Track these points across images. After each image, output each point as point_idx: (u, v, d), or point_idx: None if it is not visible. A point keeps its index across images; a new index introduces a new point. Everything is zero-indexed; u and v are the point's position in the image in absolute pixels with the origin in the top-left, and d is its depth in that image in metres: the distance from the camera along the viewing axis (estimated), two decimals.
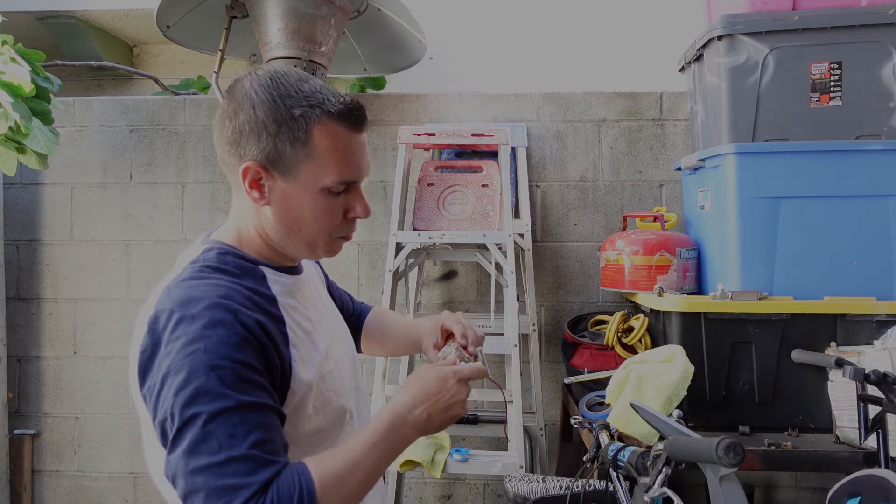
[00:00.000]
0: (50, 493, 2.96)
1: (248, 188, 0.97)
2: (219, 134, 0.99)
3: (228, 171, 1.01)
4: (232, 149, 0.97)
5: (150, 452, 0.95)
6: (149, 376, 0.89)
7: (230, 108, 0.97)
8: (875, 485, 1.46)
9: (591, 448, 1.57)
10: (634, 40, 3.17)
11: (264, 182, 0.97)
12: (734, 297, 1.99)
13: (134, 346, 0.93)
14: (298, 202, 0.98)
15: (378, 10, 2.63)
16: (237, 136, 0.96)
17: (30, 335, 2.97)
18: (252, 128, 0.95)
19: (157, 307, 0.93)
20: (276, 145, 0.95)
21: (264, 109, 0.95)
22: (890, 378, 1.60)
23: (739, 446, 1.10)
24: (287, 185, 0.97)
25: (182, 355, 0.86)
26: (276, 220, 1.00)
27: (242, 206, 1.03)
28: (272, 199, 0.98)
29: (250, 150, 0.96)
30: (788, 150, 2.08)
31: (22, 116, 2.20)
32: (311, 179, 0.97)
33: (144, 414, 0.92)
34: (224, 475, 0.83)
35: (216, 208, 2.93)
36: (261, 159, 0.96)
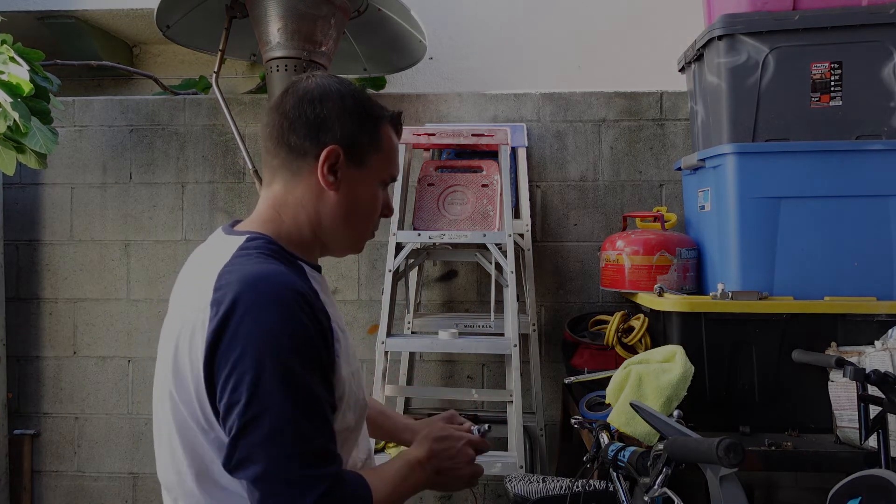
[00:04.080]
0: (50, 494, 2.96)
1: (326, 171, 1.04)
2: (294, 119, 1.04)
3: (294, 156, 1.05)
4: (311, 132, 1.04)
5: (184, 430, 0.95)
6: (218, 356, 0.90)
7: (312, 95, 1.04)
8: (876, 485, 1.46)
9: (591, 448, 1.57)
10: (634, 40, 3.16)
11: (338, 168, 1.05)
12: (734, 297, 1.99)
13: (184, 330, 0.94)
14: (362, 190, 1.08)
15: (378, 10, 2.63)
16: (320, 120, 1.04)
17: (29, 335, 2.97)
18: (339, 115, 1.04)
19: (218, 290, 0.93)
20: (357, 133, 1.05)
21: (351, 102, 1.06)
22: (890, 378, 1.60)
23: (740, 446, 1.10)
24: (357, 172, 1.07)
25: (260, 338, 0.89)
26: (338, 208, 1.07)
27: (297, 194, 1.06)
28: (341, 185, 1.06)
29: (333, 135, 1.04)
30: (789, 150, 2.07)
31: (21, 116, 2.20)
32: (376, 170, 1.09)
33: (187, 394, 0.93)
34: (303, 467, 0.87)
35: (216, 208, 2.93)
36: (342, 142, 1.04)
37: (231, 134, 2.85)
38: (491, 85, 3.08)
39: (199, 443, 0.94)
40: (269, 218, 1.08)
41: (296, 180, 1.06)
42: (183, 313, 0.97)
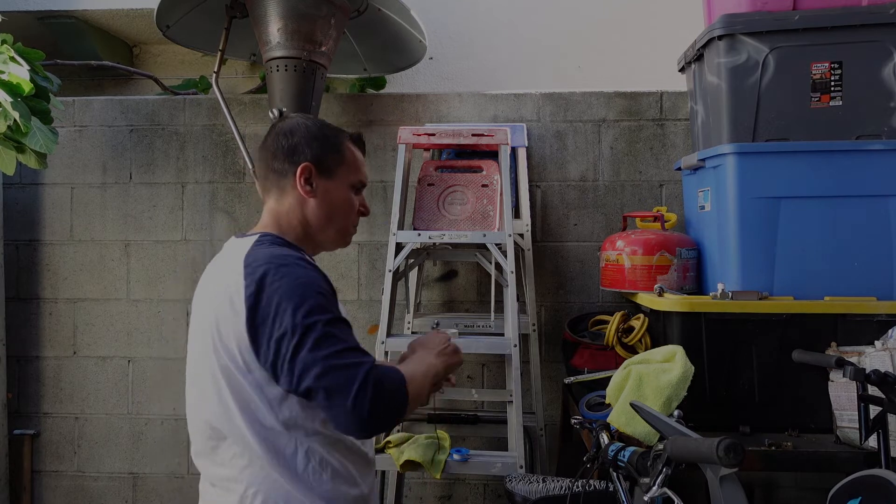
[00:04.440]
0: (50, 493, 2.96)
1: (302, 183, 1.33)
2: (274, 150, 1.36)
3: (278, 177, 1.35)
4: (288, 157, 1.34)
5: (230, 379, 1.18)
6: (259, 312, 1.15)
7: (285, 131, 1.36)
8: (875, 485, 1.46)
9: (591, 448, 1.57)
10: (634, 40, 3.17)
11: (312, 180, 1.34)
12: (734, 297, 1.99)
13: (221, 304, 1.18)
14: (336, 195, 1.37)
15: (378, 10, 2.63)
16: (293, 147, 1.35)
17: (30, 335, 2.97)
18: (306, 141, 1.36)
19: (248, 266, 1.19)
20: (322, 152, 1.36)
21: (315, 130, 1.38)
22: (890, 378, 1.60)
23: (740, 446, 1.10)
24: (328, 182, 1.36)
25: (291, 287, 1.15)
26: (319, 211, 1.35)
27: (286, 204, 1.35)
28: (317, 192, 1.34)
29: (303, 156, 1.34)
30: (789, 150, 2.07)
31: (21, 115, 2.20)
32: (344, 178, 1.38)
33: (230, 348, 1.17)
34: (348, 357, 1.12)
35: (216, 208, 2.93)
36: (311, 160, 1.34)
37: (231, 134, 2.85)
38: (491, 85, 3.08)
39: (242, 386, 1.17)
40: (271, 224, 1.36)
41: (283, 195, 1.36)
42: (216, 295, 1.21)
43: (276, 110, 2.38)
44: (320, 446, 1.21)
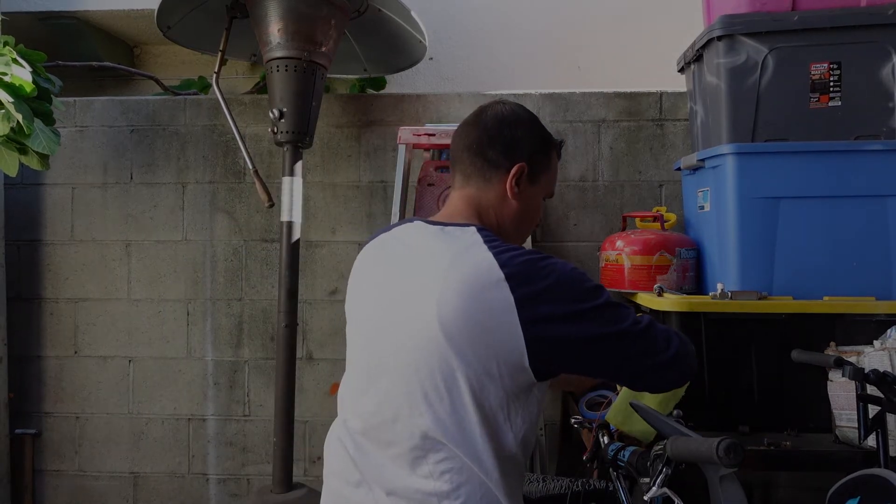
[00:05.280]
0: (51, 493, 2.96)
1: (513, 184, 1.27)
2: (491, 137, 1.28)
3: (488, 167, 1.28)
4: (506, 149, 1.28)
5: (475, 383, 1.10)
6: (537, 306, 1.08)
7: (509, 120, 1.29)
8: (875, 485, 1.47)
9: (591, 448, 1.57)
10: (634, 40, 3.17)
11: (521, 181, 1.28)
12: (734, 296, 1.99)
13: (472, 303, 1.08)
14: (534, 201, 1.33)
15: (378, 11, 2.63)
16: (514, 141, 1.28)
17: (31, 335, 2.98)
18: (528, 139, 1.29)
19: (506, 267, 1.10)
20: (537, 155, 1.30)
21: (538, 127, 1.32)
22: (889, 378, 1.60)
23: (739, 446, 1.11)
24: (532, 187, 1.31)
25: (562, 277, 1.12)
26: (517, 212, 1.30)
27: (489, 196, 1.29)
28: (521, 195, 1.29)
29: (521, 155, 1.28)
30: (788, 150, 2.08)
31: (24, 117, 2.21)
32: (544, 186, 1.34)
33: (487, 353, 1.09)
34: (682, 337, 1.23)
35: (216, 208, 2.93)
36: (527, 161, 1.28)
37: (231, 134, 2.86)
38: (491, 85, 3.09)
39: (488, 393, 1.10)
40: (472, 214, 1.28)
41: (487, 186, 1.28)
42: (454, 285, 1.10)
43: (276, 110, 2.39)
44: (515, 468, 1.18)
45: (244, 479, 2.91)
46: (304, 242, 2.81)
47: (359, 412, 1.23)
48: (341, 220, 2.91)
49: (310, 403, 2.88)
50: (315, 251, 2.91)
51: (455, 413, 1.10)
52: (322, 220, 2.91)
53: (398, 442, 1.14)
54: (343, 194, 2.91)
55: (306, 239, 2.86)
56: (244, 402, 2.92)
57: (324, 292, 2.91)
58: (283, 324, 2.43)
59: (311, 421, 2.88)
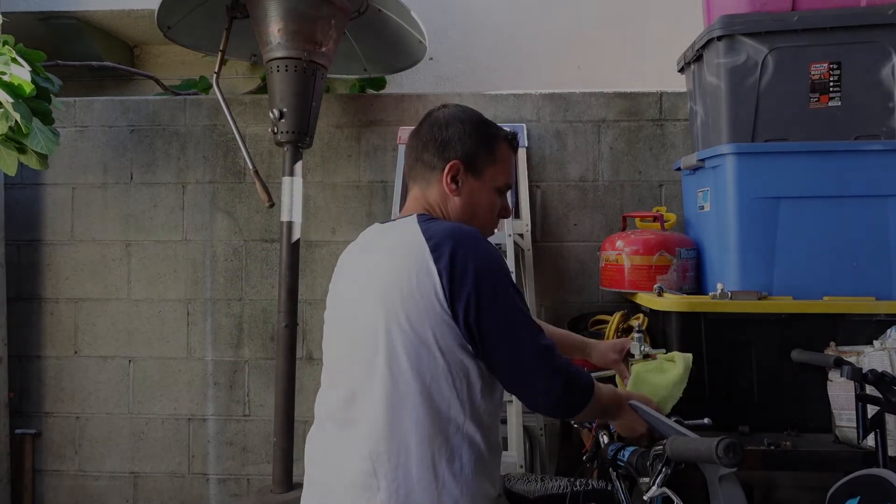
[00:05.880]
0: (51, 493, 2.96)
1: (448, 181, 1.33)
2: (426, 140, 1.35)
3: (426, 169, 1.35)
4: (439, 151, 1.34)
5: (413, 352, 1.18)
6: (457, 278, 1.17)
7: (440, 122, 1.35)
8: (874, 484, 1.47)
9: (591, 448, 1.57)
10: (634, 40, 3.17)
11: (459, 178, 1.33)
12: (734, 296, 1.99)
13: (406, 276, 1.18)
14: (481, 195, 1.36)
15: (378, 11, 2.63)
16: (445, 141, 1.34)
17: (31, 335, 2.98)
18: (460, 136, 1.34)
19: (431, 240, 1.20)
20: (474, 150, 1.34)
21: (472, 125, 1.36)
22: (888, 378, 1.60)
23: (739, 446, 1.11)
24: (475, 181, 1.35)
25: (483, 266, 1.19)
26: (461, 208, 1.35)
27: (432, 196, 1.35)
28: (462, 191, 1.34)
29: (454, 153, 1.33)
30: (788, 150, 2.08)
31: (23, 116, 2.21)
32: (492, 178, 1.37)
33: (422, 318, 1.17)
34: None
35: (216, 208, 2.93)
36: (462, 158, 1.33)
37: (231, 134, 2.86)
38: (491, 85, 3.09)
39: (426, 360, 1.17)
40: (421, 208, 1.35)
41: (429, 186, 1.36)
42: (391, 267, 1.20)
43: (276, 110, 2.39)
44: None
45: (244, 479, 2.91)
46: (304, 242, 2.81)
47: (325, 401, 1.33)
48: (341, 220, 2.91)
49: (310, 403, 2.85)
50: (315, 251, 2.91)
51: (395, 386, 1.18)
52: (322, 220, 2.91)
53: (355, 420, 1.22)
54: (343, 194, 2.91)
55: (306, 239, 2.86)
56: (244, 402, 2.92)
57: (324, 292, 2.87)
58: (283, 324, 2.43)
59: (311, 421, 2.83)
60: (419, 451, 1.17)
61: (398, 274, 1.19)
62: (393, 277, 1.19)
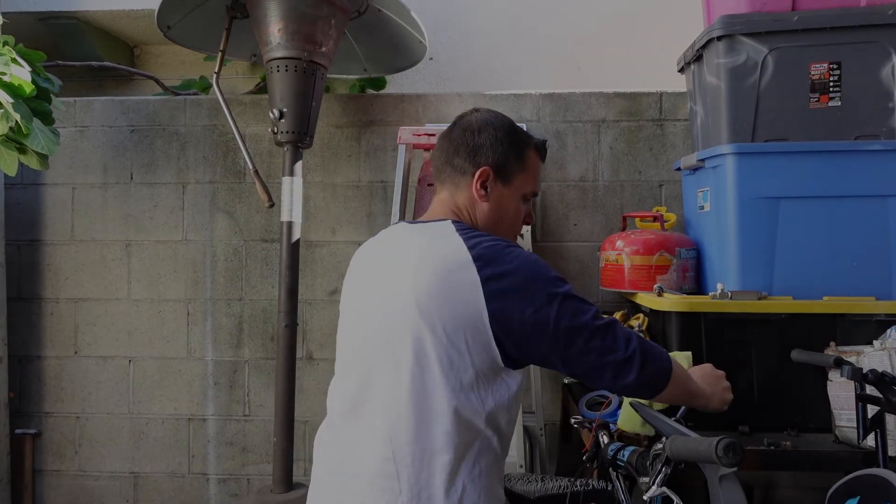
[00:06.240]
0: (51, 493, 2.96)
1: (478, 187, 1.35)
2: (457, 145, 1.37)
3: (456, 173, 1.37)
4: (470, 156, 1.36)
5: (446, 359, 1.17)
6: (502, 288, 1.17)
7: (473, 128, 1.37)
8: (874, 484, 1.47)
9: (591, 447, 1.57)
10: (634, 40, 3.17)
11: (489, 184, 1.36)
12: (734, 296, 1.99)
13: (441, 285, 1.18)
14: (509, 201, 1.39)
15: (378, 11, 2.63)
16: (477, 147, 1.36)
17: (31, 335, 2.98)
18: (491, 143, 1.36)
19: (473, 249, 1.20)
20: (505, 157, 1.36)
21: (504, 132, 1.37)
22: (888, 378, 1.60)
23: (739, 446, 1.11)
24: (503, 188, 1.37)
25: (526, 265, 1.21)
26: (488, 214, 1.37)
27: (461, 200, 1.37)
28: (491, 197, 1.36)
29: (485, 159, 1.35)
30: (788, 150, 2.08)
31: (23, 117, 2.21)
32: (520, 186, 1.39)
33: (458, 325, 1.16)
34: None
35: (216, 208, 2.93)
36: (492, 164, 1.35)
37: (231, 134, 2.86)
38: (491, 85, 3.09)
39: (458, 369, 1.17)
40: (450, 215, 1.36)
41: (458, 191, 1.38)
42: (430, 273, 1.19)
43: (276, 110, 2.39)
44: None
45: (244, 479, 2.91)
46: (304, 242, 2.81)
47: (341, 397, 1.30)
48: (341, 220, 2.91)
49: (310, 403, 2.88)
50: (315, 251, 2.91)
51: (424, 391, 1.17)
52: (322, 220, 2.91)
53: (373, 417, 1.21)
54: (343, 194, 2.91)
55: (306, 239, 2.86)
56: (244, 402, 2.92)
57: (324, 292, 2.91)
58: (283, 324, 2.43)
59: (311, 421, 2.88)
60: (443, 457, 1.17)
61: (437, 281, 1.19)
62: (432, 283, 1.19)
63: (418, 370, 1.18)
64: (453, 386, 1.17)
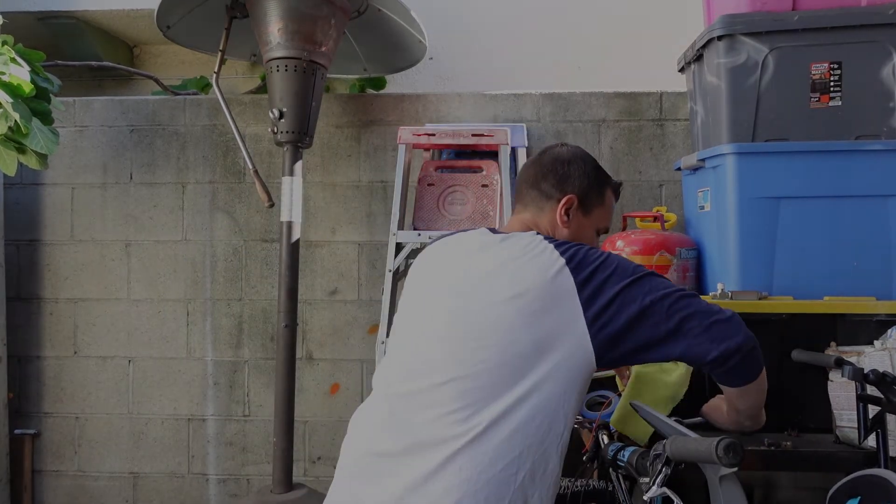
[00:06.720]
0: (50, 493, 2.96)
1: (562, 213, 1.43)
2: (547, 171, 1.46)
3: (542, 197, 1.45)
4: (558, 182, 1.45)
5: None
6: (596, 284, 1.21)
7: (564, 158, 1.47)
8: (874, 485, 1.46)
9: (591, 448, 1.57)
10: (634, 40, 3.17)
11: (571, 211, 1.44)
12: (734, 296, 1.99)
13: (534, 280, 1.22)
14: (586, 231, 1.47)
15: (378, 11, 2.63)
16: (566, 175, 1.45)
17: (30, 335, 2.98)
18: (579, 174, 1.46)
19: (560, 247, 1.26)
20: (589, 189, 1.46)
21: (591, 167, 1.49)
22: (889, 378, 1.60)
23: (739, 446, 1.10)
24: (583, 218, 1.46)
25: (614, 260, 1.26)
26: (568, 238, 1.38)
27: (543, 222, 1.45)
28: (571, 224, 1.44)
29: (572, 188, 1.45)
30: (788, 150, 2.08)
31: (22, 116, 2.20)
32: (597, 219, 1.49)
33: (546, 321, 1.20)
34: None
35: (216, 208, 2.93)
36: (577, 193, 1.44)
37: (231, 134, 2.85)
38: (491, 85, 3.08)
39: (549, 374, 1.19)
40: (527, 230, 1.40)
41: (541, 214, 1.45)
42: (523, 269, 1.25)
43: (276, 110, 2.39)
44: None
45: (244, 479, 2.91)
46: (304, 242, 2.81)
47: (409, 382, 1.28)
48: (341, 220, 2.91)
49: (310, 403, 2.88)
50: (315, 251, 2.91)
51: (515, 386, 1.18)
52: (322, 220, 2.91)
53: (442, 402, 1.19)
54: (343, 194, 2.91)
55: (306, 239, 2.86)
56: (244, 402, 2.91)
57: (324, 292, 2.90)
58: (283, 324, 2.43)
59: (311, 421, 2.88)
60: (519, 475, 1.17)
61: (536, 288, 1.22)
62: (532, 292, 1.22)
63: (510, 372, 1.19)
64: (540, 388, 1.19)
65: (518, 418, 1.16)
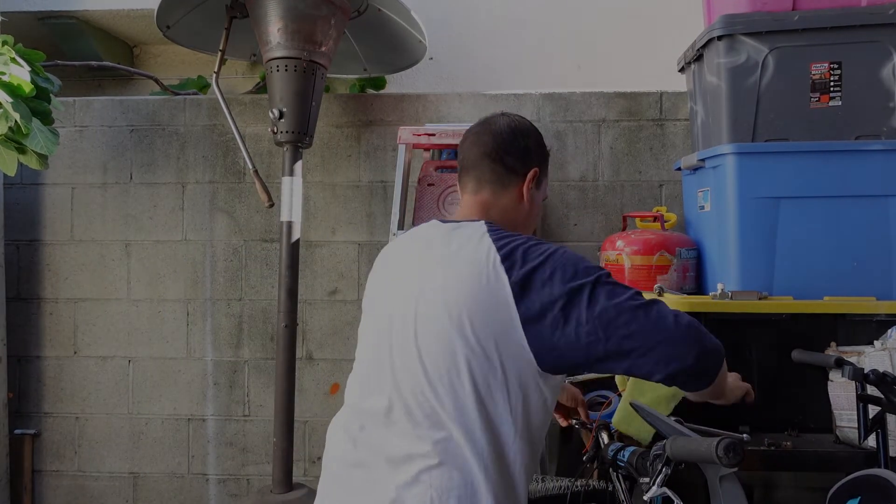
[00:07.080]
0: (50, 493, 2.96)
1: (527, 186, 1.38)
2: (508, 146, 1.38)
3: (506, 173, 1.37)
4: (522, 157, 1.39)
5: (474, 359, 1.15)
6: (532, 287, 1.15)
7: (521, 131, 1.41)
8: (875, 485, 1.46)
9: (591, 448, 1.57)
10: (634, 40, 3.17)
11: (532, 186, 1.39)
12: (734, 297, 1.99)
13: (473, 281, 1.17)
14: (537, 205, 1.44)
15: (378, 10, 2.63)
16: (528, 149, 1.40)
17: (30, 335, 2.98)
18: (536, 146, 1.42)
19: (502, 249, 1.19)
20: (544, 161, 1.44)
21: (541, 139, 1.45)
22: (889, 378, 1.60)
23: (739, 446, 1.10)
24: (536, 192, 1.42)
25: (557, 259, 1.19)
26: (524, 216, 1.40)
27: (503, 201, 1.38)
28: (529, 198, 1.39)
29: (534, 162, 1.40)
30: (788, 150, 2.08)
31: (22, 116, 2.20)
32: (544, 190, 1.46)
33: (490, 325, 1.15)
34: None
35: (216, 208, 2.93)
36: (539, 167, 1.40)
37: (231, 134, 2.85)
38: (491, 85, 3.08)
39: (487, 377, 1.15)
40: (483, 216, 1.34)
41: (503, 191, 1.38)
42: (457, 271, 1.20)
43: (276, 110, 2.39)
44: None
45: (244, 479, 2.91)
46: (304, 242, 2.81)
47: (368, 396, 1.27)
48: (341, 220, 2.91)
49: (310, 403, 2.88)
50: (315, 251, 2.91)
51: (455, 394, 1.15)
52: (322, 220, 2.91)
53: (402, 421, 1.18)
54: (343, 194, 2.91)
55: (306, 239, 2.86)
56: (244, 402, 2.91)
57: (324, 292, 2.90)
58: (283, 324, 2.43)
59: (311, 421, 2.88)
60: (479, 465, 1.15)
61: (467, 284, 1.17)
62: (461, 286, 1.18)
63: (447, 378, 1.16)
64: (480, 393, 1.15)
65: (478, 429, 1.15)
